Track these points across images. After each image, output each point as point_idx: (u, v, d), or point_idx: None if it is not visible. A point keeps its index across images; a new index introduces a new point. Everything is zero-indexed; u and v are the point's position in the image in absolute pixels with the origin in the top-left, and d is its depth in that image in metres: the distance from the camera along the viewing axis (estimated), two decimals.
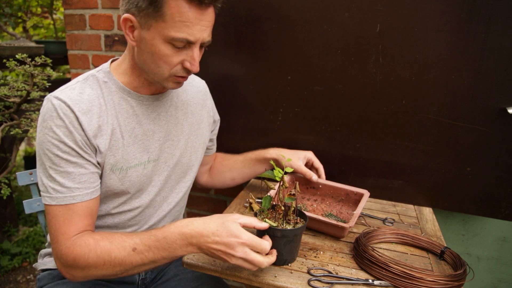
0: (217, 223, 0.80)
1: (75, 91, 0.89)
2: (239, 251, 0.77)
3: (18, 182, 1.30)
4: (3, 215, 2.54)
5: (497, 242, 1.48)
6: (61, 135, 0.84)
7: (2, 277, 2.29)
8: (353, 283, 0.87)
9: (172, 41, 0.84)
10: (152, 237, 0.82)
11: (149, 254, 0.82)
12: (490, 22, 1.12)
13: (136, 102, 0.97)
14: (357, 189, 1.19)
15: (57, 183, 0.85)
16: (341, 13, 1.23)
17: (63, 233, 0.85)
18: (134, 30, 0.87)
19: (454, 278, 0.84)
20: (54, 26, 3.30)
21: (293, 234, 0.87)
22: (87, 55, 1.72)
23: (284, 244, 0.87)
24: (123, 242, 0.83)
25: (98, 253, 0.82)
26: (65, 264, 0.85)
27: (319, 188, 1.24)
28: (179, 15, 0.81)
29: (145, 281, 1.14)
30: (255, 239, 0.78)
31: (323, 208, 1.20)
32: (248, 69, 1.39)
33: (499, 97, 1.18)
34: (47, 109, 0.86)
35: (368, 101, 1.29)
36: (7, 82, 1.71)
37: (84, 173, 0.87)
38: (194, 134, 1.13)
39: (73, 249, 0.83)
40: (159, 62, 0.87)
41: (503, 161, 1.23)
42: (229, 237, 0.77)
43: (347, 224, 1.00)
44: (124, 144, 0.94)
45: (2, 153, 2.31)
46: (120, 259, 0.82)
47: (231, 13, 1.35)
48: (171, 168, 1.06)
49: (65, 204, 0.85)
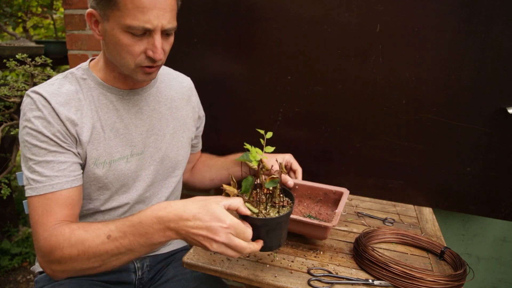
0: (198, 206, 0.73)
1: (53, 86, 0.90)
2: (222, 237, 0.71)
3: (18, 182, 1.30)
4: (3, 215, 2.54)
5: (497, 242, 1.48)
6: (39, 125, 0.85)
7: (2, 277, 2.29)
8: (353, 283, 0.87)
9: (129, 29, 0.83)
10: (127, 222, 0.77)
11: (124, 241, 0.76)
12: (490, 22, 1.12)
13: (116, 97, 0.97)
14: (336, 187, 1.13)
15: (36, 173, 0.85)
16: (341, 13, 1.23)
17: (41, 224, 0.82)
18: (98, 24, 0.88)
19: (454, 278, 0.84)
20: (54, 26, 3.30)
21: (275, 223, 0.79)
22: (87, 55, 1.72)
23: (266, 232, 0.79)
24: (98, 230, 0.78)
25: (72, 242, 0.78)
26: (43, 257, 0.81)
27: (296, 189, 1.17)
28: (131, 1, 0.80)
29: (142, 281, 1.14)
30: (240, 225, 0.73)
31: (300, 210, 1.13)
32: (248, 69, 1.39)
33: (499, 97, 1.18)
34: (26, 103, 0.87)
35: (368, 101, 1.29)
36: (7, 82, 1.71)
37: (63, 161, 0.87)
38: (181, 129, 1.13)
39: (50, 240, 0.80)
40: (122, 53, 0.87)
41: (503, 161, 1.23)
42: (211, 221, 0.71)
43: (330, 224, 0.93)
44: (106, 137, 0.95)
45: (2, 153, 2.31)
46: (94, 248, 0.77)
47: (231, 13, 1.35)
48: (157, 163, 1.06)
49: (44, 193, 0.84)
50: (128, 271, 1.11)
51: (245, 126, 1.46)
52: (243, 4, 1.32)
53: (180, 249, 1.24)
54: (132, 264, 1.12)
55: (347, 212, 1.27)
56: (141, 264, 1.13)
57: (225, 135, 1.49)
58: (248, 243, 0.74)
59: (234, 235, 0.72)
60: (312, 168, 1.43)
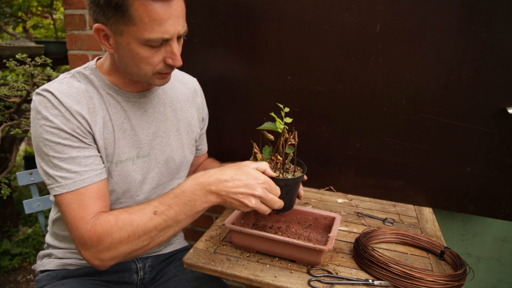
0: (233, 169, 0.83)
1: (63, 85, 0.89)
2: (259, 191, 0.80)
3: (18, 182, 1.30)
4: (3, 215, 2.54)
5: (497, 242, 1.48)
6: (58, 123, 0.84)
7: (2, 277, 2.29)
8: (353, 283, 0.87)
9: (147, 42, 0.83)
10: (170, 194, 0.82)
11: (170, 213, 0.81)
12: (490, 22, 1.12)
13: (123, 98, 0.97)
14: (327, 212, 1.07)
15: (64, 170, 0.84)
16: (341, 13, 1.23)
17: (80, 218, 0.82)
18: (108, 38, 0.86)
19: (454, 278, 0.84)
20: (54, 26, 3.30)
21: (295, 183, 0.91)
22: (87, 55, 1.72)
23: (286, 193, 0.90)
24: (142, 209, 0.82)
25: (121, 225, 0.80)
26: (90, 249, 0.81)
27: (284, 214, 1.11)
28: (147, 15, 0.79)
29: (144, 281, 1.14)
30: (272, 181, 0.84)
31: (289, 236, 1.05)
32: (248, 69, 1.39)
33: (499, 97, 1.18)
34: (40, 101, 0.85)
35: (368, 101, 1.29)
36: (7, 82, 1.71)
37: (89, 156, 0.87)
38: (185, 131, 1.12)
39: (95, 230, 0.80)
40: (141, 65, 0.87)
41: (503, 161, 1.23)
42: (248, 179, 0.81)
43: (325, 247, 0.88)
44: (115, 137, 0.95)
45: (2, 153, 2.31)
46: (143, 226, 0.80)
47: (231, 13, 1.35)
48: (162, 165, 1.06)
49: (76, 189, 0.84)
50: (130, 271, 1.11)
51: (245, 126, 1.46)
52: (243, 4, 1.32)
53: (181, 249, 1.24)
54: (134, 264, 1.12)
55: (347, 212, 1.27)
56: (143, 264, 1.13)
57: (225, 135, 1.49)
58: (277, 199, 0.84)
59: (268, 190, 0.83)
60: (312, 168, 1.43)
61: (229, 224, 0.97)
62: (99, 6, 0.80)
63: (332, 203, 1.34)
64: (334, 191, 1.43)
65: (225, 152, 1.47)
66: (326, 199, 1.37)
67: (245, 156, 1.08)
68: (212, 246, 1.01)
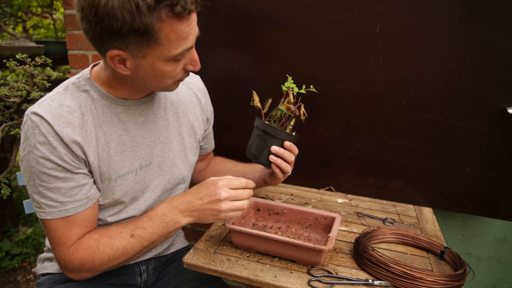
0: (195, 187, 0.93)
1: (54, 103, 0.85)
2: (222, 193, 0.87)
3: (18, 182, 1.30)
4: (3, 215, 2.54)
5: (497, 242, 1.48)
6: (45, 152, 0.82)
7: (2, 277, 2.29)
8: (353, 283, 0.87)
9: (174, 58, 0.82)
10: (145, 218, 0.91)
11: (145, 235, 0.89)
12: (490, 22, 1.12)
13: (122, 108, 0.93)
14: (327, 212, 1.07)
15: (48, 199, 0.84)
16: (341, 13, 1.23)
17: (64, 242, 0.86)
18: (124, 61, 0.82)
19: (454, 278, 0.84)
20: (54, 26, 3.30)
21: (272, 131, 1.00)
22: (87, 55, 1.72)
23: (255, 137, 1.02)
24: (120, 232, 0.89)
25: (102, 250, 0.86)
26: (71, 270, 0.88)
27: (284, 214, 1.10)
28: (173, 33, 0.78)
29: (147, 283, 1.14)
30: (229, 178, 0.91)
31: (289, 236, 1.06)
32: (248, 69, 1.39)
33: (499, 97, 1.18)
34: (28, 126, 0.83)
35: (368, 101, 1.29)
36: (7, 82, 1.71)
37: (74, 187, 0.86)
38: (188, 134, 1.10)
39: (77, 255, 0.86)
40: (164, 79, 0.86)
41: (503, 161, 1.23)
42: (208, 189, 0.89)
43: (325, 247, 0.88)
44: (111, 154, 0.92)
45: (2, 153, 2.30)
46: (122, 248, 0.88)
47: (231, 13, 1.35)
48: (165, 172, 1.04)
49: (60, 217, 0.86)
50: (134, 274, 1.10)
51: (245, 126, 1.46)
52: (243, 4, 1.32)
53: (182, 249, 1.24)
54: (138, 266, 1.11)
55: (347, 212, 1.27)
56: (146, 267, 1.13)
57: (225, 135, 1.49)
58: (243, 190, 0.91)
59: (229, 187, 0.88)
60: (312, 168, 1.43)
61: (229, 224, 0.97)
62: (116, 33, 0.76)
63: (332, 203, 1.34)
64: (334, 191, 1.43)
65: (225, 152, 1.47)
66: (326, 199, 1.37)
67: (245, 156, 1.08)
68: (212, 246, 1.01)
